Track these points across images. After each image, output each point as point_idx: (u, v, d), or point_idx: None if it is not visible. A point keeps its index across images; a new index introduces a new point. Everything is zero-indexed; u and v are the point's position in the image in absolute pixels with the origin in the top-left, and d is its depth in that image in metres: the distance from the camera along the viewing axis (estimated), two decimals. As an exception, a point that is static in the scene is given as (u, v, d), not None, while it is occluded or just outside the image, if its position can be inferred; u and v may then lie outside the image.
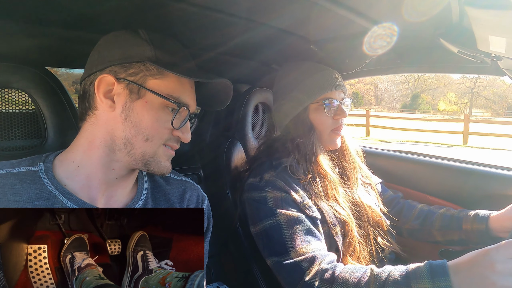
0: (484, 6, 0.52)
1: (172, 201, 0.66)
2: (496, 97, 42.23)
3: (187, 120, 0.61)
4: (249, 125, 1.13)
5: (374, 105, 47.34)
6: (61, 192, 0.53)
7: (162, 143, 0.59)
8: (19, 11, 0.61)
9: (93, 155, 0.56)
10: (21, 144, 0.75)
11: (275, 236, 0.77)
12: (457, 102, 45.12)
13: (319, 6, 0.69)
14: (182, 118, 0.60)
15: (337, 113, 0.90)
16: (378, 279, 0.62)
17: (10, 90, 0.74)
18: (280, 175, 0.83)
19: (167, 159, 0.61)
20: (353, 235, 0.80)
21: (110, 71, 0.56)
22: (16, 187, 0.51)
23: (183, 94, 0.59)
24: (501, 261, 0.52)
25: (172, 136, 0.60)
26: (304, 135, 0.89)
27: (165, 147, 0.60)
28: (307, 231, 0.76)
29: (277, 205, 0.79)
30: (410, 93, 47.74)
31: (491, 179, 1.04)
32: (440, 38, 0.80)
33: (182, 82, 0.59)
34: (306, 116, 0.90)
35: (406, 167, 1.25)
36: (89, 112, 0.58)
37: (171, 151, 0.62)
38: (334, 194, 0.84)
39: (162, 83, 0.57)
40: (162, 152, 0.59)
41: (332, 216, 0.81)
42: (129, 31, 0.59)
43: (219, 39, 0.87)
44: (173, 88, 0.58)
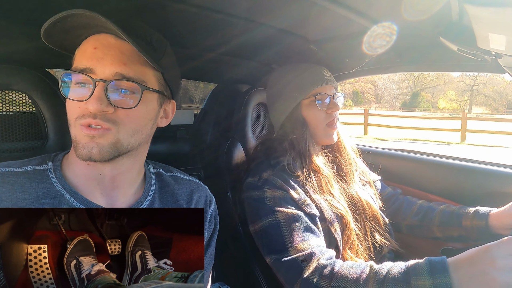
0: (483, 4, 0.52)
1: (180, 201, 0.65)
2: (496, 95, 42.21)
3: (92, 88, 0.49)
4: (249, 126, 1.13)
5: (374, 104, 47.34)
6: (68, 191, 0.53)
7: (78, 123, 0.50)
8: (19, 13, 0.61)
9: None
10: (21, 146, 0.75)
11: (274, 234, 0.77)
12: (457, 100, 45.10)
13: (318, 6, 0.69)
14: (88, 88, 0.50)
15: (330, 106, 0.91)
16: (377, 276, 0.62)
17: (10, 92, 0.74)
18: (278, 174, 0.84)
19: (89, 140, 0.50)
20: (350, 228, 0.81)
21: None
22: (25, 185, 0.51)
23: (82, 59, 0.51)
24: (502, 257, 0.52)
25: (81, 111, 0.50)
26: (298, 132, 0.90)
27: (81, 127, 0.50)
28: (306, 228, 0.76)
29: (276, 203, 0.80)
30: (410, 91, 47.74)
31: (492, 177, 1.04)
32: (440, 36, 0.80)
33: (83, 50, 0.52)
34: (299, 113, 0.91)
35: (406, 165, 1.25)
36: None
37: (86, 130, 0.50)
38: (329, 188, 0.85)
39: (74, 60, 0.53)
40: (77, 133, 0.51)
41: (330, 212, 0.82)
42: None
43: (219, 39, 0.87)
44: (76, 59, 0.53)
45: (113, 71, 0.50)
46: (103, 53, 0.51)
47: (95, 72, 0.50)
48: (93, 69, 0.50)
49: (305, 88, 0.89)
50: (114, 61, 0.51)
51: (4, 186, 0.50)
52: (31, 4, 0.59)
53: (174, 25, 0.74)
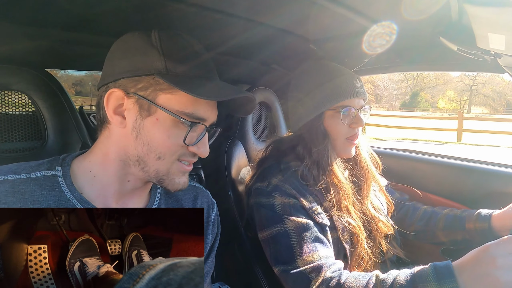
0: (483, 4, 0.52)
1: (184, 206, 0.65)
2: (495, 95, 42.22)
3: (204, 135, 0.56)
4: (250, 125, 1.13)
5: (374, 104, 47.29)
6: (79, 201, 0.52)
7: (176, 159, 0.55)
8: (19, 13, 0.61)
9: (108, 168, 0.55)
10: (21, 146, 0.75)
11: (283, 244, 0.75)
12: (456, 99, 45.11)
13: (318, 5, 0.69)
14: (198, 133, 0.56)
15: (354, 121, 0.84)
16: (384, 285, 0.62)
17: (10, 92, 0.74)
18: (289, 180, 0.81)
19: (182, 175, 0.57)
20: (362, 247, 0.79)
21: (119, 85, 0.53)
22: (35, 193, 0.50)
23: (198, 108, 0.54)
24: (502, 255, 0.52)
25: (187, 151, 0.56)
26: (318, 142, 0.84)
27: (180, 162, 0.56)
28: (315, 238, 0.75)
29: (286, 211, 0.77)
30: (409, 91, 47.73)
31: (492, 177, 1.05)
32: (439, 36, 0.80)
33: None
34: (321, 123, 0.85)
35: (407, 165, 1.25)
36: (103, 125, 0.56)
37: (186, 167, 0.57)
38: (346, 205, 0.81)
39: (174, 98, 0.52)
40: (176, 169, 0.56)
41: (341, 223, 0.79)
42: (140, 35, 0.55)
43: (219, 39, 0.87)
44: (185, 103, 0.53)
45: (214, 119, 0.60)
46: (213, 105, 0.59)
47: (209, 121, 0.58)
48: (207, 119, 0.57)
49: (333, 98, 0.82)
50: (214, 110, 0.60)
51: (15, 195, 0.49)
52: (31, 4, 0.58)
53: (174, 24, 0.74)
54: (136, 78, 0.52)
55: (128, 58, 0.53)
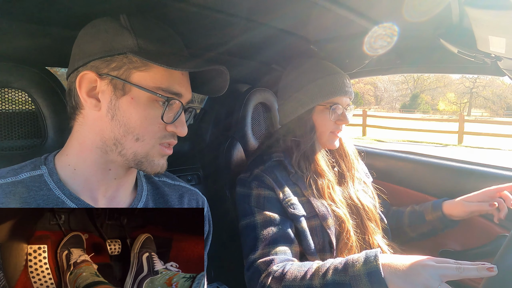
0: (484, 7, 0.52)
1: (170, 203, 0.65)
2: (495, 97, 42.26)
3: (181, 112, 0.56)
4: (249, 125, 1.13)
5: (374, 105, 47.36)
6: (68, 197, 0.52)
7: (157, 142, 0.55)
8: (19, 10, 0.61)
9: (87, 158, 0.54)
10: (21, 144, 0.75)
11: (250, 236, 0.79)
12: (456, 102, 45.16)
13: (319, 6, 0.69)
14: (175, 110, 0.56)
15: (340, 118, 0.90)
16: (321, 269, 0.66)
17: (10, 90, 0.74)
18: (269, 170, 0.85)
19: (161, 157, 0.57)
20: (349, 234, 0.81)
21: (91, 66, 0.52)
22: (23, 196, 0.50)
23: (173, 84, 0.54)
24: (430, 275, 0.55)
25: (166, 133, 0.56)
26: (305, 134, 0.89)
27: (160, 146, 0.56)
28: (279, 233, 0.78)
29: (259, 204, 0.81)
30: (409, 93, 47.76)
31: (491, 180, 1.04)
32: (440, 38, 0.80)
33: (171, 71, 0.54)
34: (310, 116, 0.90)
35: (406, 167, 1.25)
36: (76, 111, 0.55)
37: (166, 150, 0.57)
38: (330, 192, 0.85)
39: (148, 75, 0.52)
40: (156, 152, 0.55)
41: (324, 210, 0.82)
42: (109, 19, 0.55)
43: (219, 39, 0.87)
44: (160, 79, 0.53)
45: (189, 97, 0.60)
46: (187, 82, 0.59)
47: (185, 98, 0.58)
48: (182, 96, 0.57)
49: (324, 95, 0.88)
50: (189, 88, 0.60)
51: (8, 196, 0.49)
52: (32, 2, 0.58)
53: (175, 24, 0.74)
54: (108, 58, 0.51)
55: (100, 40, 0.52)
